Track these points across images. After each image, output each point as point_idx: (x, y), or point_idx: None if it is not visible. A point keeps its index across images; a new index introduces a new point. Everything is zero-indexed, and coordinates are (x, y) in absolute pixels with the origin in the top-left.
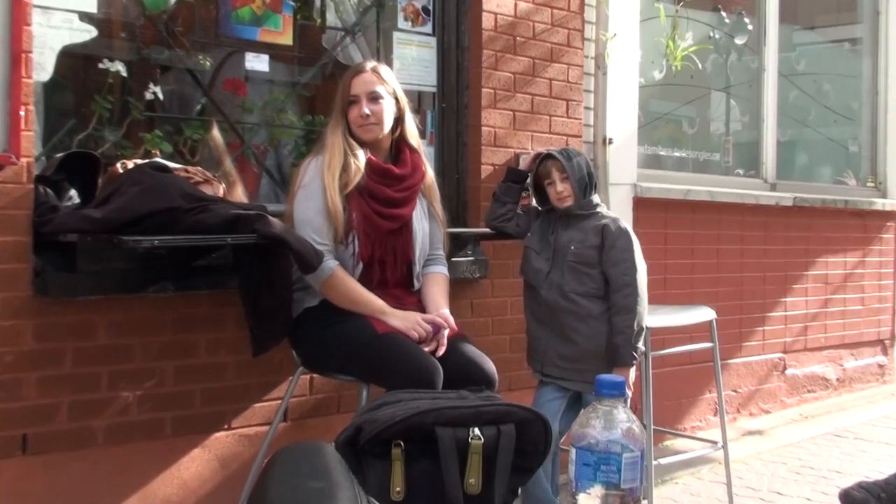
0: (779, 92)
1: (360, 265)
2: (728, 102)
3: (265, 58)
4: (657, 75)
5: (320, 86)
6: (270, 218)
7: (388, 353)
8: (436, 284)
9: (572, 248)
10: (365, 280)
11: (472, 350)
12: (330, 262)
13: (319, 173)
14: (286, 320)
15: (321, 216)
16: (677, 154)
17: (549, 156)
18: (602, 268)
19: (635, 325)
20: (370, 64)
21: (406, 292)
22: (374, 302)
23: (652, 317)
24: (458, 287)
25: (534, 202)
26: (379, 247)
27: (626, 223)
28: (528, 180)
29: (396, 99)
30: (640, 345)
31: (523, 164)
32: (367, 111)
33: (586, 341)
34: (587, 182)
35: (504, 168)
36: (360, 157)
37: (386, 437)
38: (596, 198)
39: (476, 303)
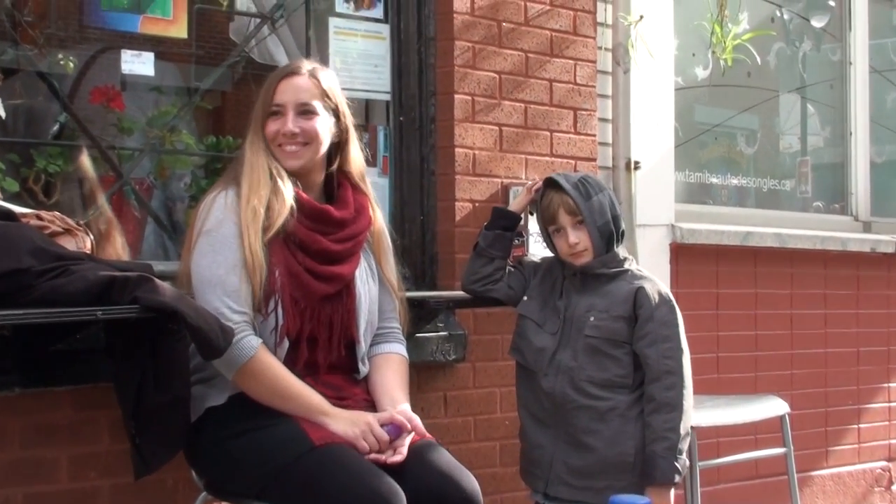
0: (872, 94)
1: (285, 343)
2: (803, 110)
3: (149, 57)
4: (700, 73)
5: (229, 94)
6: (158, 282)
7: (328, 472)
8: (390, 370)
9: (591, 319)
10: (287, 363)
11: (445, 461)
12: (251, 340)
13: (232, 211)
14: (181, 426)
15: (236, 273)
16: (732, 182)
17: (553, 184)
18: (633, 347)
19: (681, 427)
20: (308, 66)
21: (348, 381)
22: (310, 397)
23: (700, 412)
24: (426, 374)
25: (530, 252)
26: (310, 318)
27: (665, 286)
28: (526, 220)
29: (338, 118)
30: (685, 455)
31: (517, 201)
32: (292, 127)
33: (607, 447)
34: (612, 230)
35: (489, 207)
36: (289, 191)
37: None
38: (623, 250)
39: (452, 396)
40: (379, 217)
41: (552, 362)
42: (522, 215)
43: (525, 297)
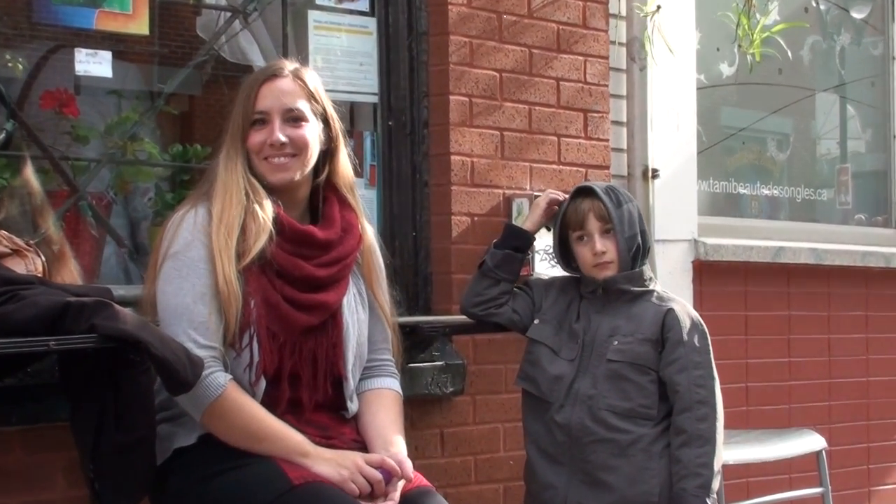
0: None
1: (262, 382)
2: (841, 110)
3: (106, 56)
4: (726, 70)
5: (197, 98)
6: (118, 307)
7: None
8: (382, 408)
9: (616, 343)
10: (268, 404)
11: None
12: (218, 377)
13: (203, 232)
14: (146, 469)
15: (204, 302)
16: (763, 192)
17: (587, 191)
18: (660, 374)
19: (714, 463)
20: (290, 66)
21: (335, 420)
22: (288, 437)
23: (728, 449)
24: (420, 409)
25: (535, 272)
26: (291, 353)
27: (694, 311)
28: (537, 239)
29: (327, 122)
30: (715, 494)
31: (532, 219)
32: (281, 137)
33: (628, 486)
34: (640, 243)
35: (488, 221)
36: (268, 210)
37: None
38: (648, 270)
39: (449, 433)
40: (369, 234)
41: (570, 392)
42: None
43: (537, 321)
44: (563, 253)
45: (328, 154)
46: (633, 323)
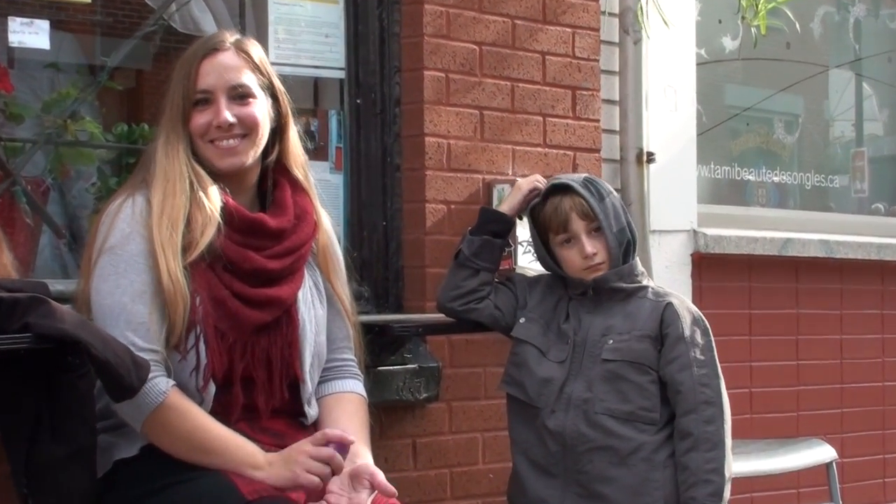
0: None
1: (211, 387)
2: (856, 89)
3: (43, 26)
4: (728, 44)
5: (144, 73)
6: (55, 304)
7: None
8: (345, 413)
9: (610, 342)
10: (220, 411)
11: None
12: (159, 382)
13: (142, 224)
14: (86, 483)
15: (144, 301)
16: (770, 178)
17: (563, 188)
18: (660, 373)
19: (725, 469)
20: (231, 37)
21: (293, 427)
22: (238, 448)
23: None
24: (391, 416)
25: (518, 265)
26: (242, 354)
27: (693, 305)
28: (519, 228)
29: (276, 97)
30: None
31: (509, 201)
32: (229, 117)
33: (630, 498)
34: (629, 237)
35: (467, 210)
36: (215, 199)
37: None
38: (639, 263)
39: (422, 443)
40: (325, 221)
41: (561, 396)
42: (515, 219)
43: (522, 319)
44: (544, 254)
45: (277, 132)
46: (629, 321)
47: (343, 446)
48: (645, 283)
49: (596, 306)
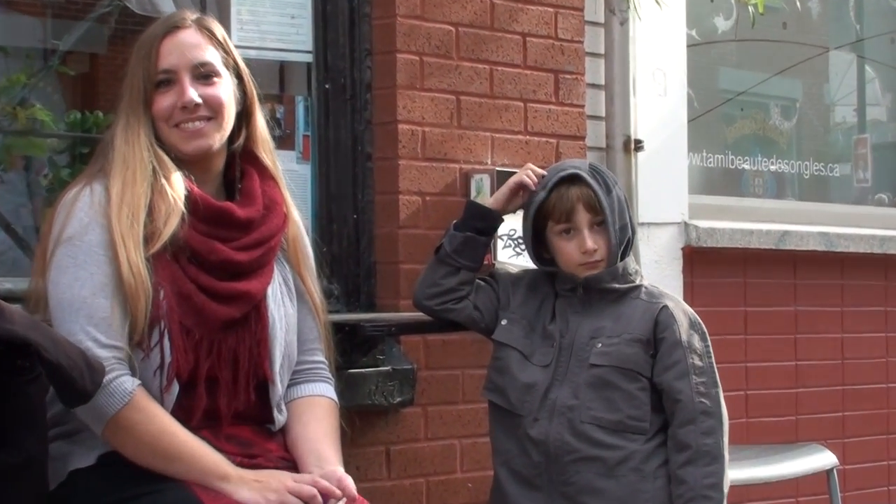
0: None
1: (175, 387)
2: (859, 72)
3: None
4: (722, 24)
5: (99, 57)
6: (3, 304)
7: None
8: (315, 418)
9: (599, 345)
10: (181, 413)
11: None
12: (124, 382)
13: (101, 213)
14: (37, 495)
15: (105, 294)
16: (766, 167)
17: (573, 178)
18: (654, 381)
19: (724, 485)
20: (192, 14)
21: (260, 434)
22: (205, 456)
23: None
24: (362, 422)
25: (497, 260)
26: (208, 353)
27: (689, 307)
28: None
29: (240, 77)
30: None
31: (498, 196)
32: (194, 96)
33: None
34: (630, 234)
35: (443, 202)
36: (178, 187)
37: None
38: (633, 261)
39: (396, 451)
40: (295, 213)
41: (545, 403)
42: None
43: (504, 321)
44: (534, 243)
45: (243, 116)
46: (620, 323)
47: (327, 497)
48: (638, 282)
49: (585, 306)
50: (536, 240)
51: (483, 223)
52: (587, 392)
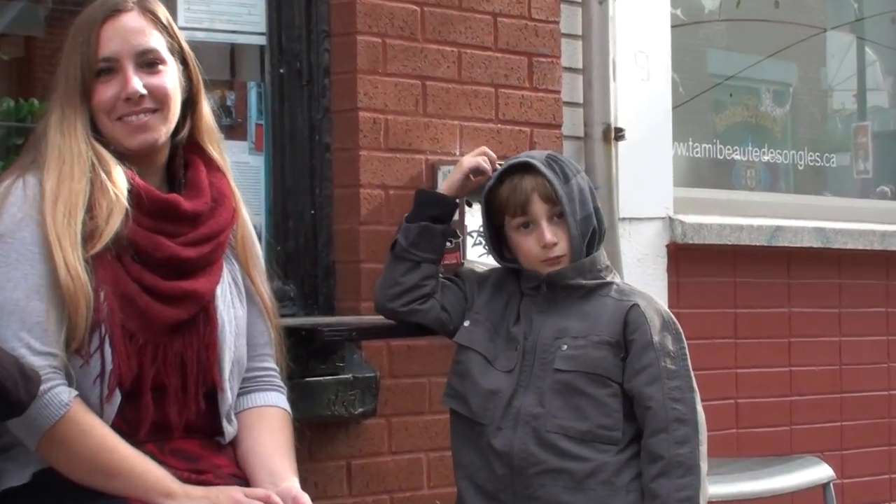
0: None
1: (116, 397)
2: (858, 54)
3: None
4: (709, 3)
5: (35, 41)
6: None
7: None
8: (268, 430)
9: (564, 347)
10: (123, 427)
11: None
12: (60, 393)
13: (37, 209)
14: None
15: (40, 297)
16: (758, 158)
17: (524, 167)
18: (624, 386)
19: (700, 497)
20: None
21: (208, 448)
22: (148, 472)
23: (713, 481)
24: (321, 435)
25: (467, 259)
26: (153, 358)
27: (665, 306)
28: (461, 212)
29: (186, 62)
30: None
31: (450, 180)
32: (138, 87)
33: None
34: (595, 226)
35: (410, 195)
36: (120, 181)
37: None
38: (604, 256)
39: (358, 465)
40: (243, 210)
41: (509, 411)
42: (459, 201)
43: (467, 322)
44: (496, 240)
45: (188, 104)
46: (587, 323)
47: None
48: (609, 278)
49: (550, 305)
50: (498, 237)
51: (437, 210)
52: (553, 399)
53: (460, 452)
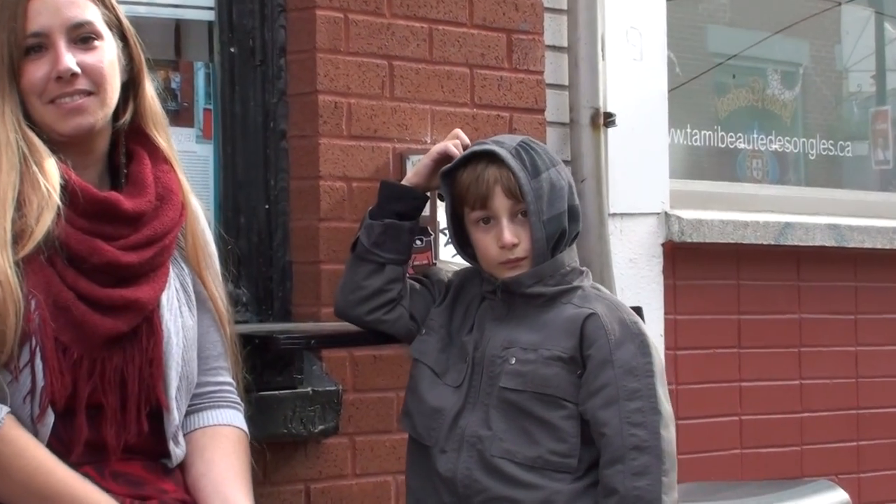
0: None
1: (49, 416)
2: (877, 31)
3: None
4: None
5: None
6: None
7: None
8: (221, 452)
9: (513, 361)
10: (58, 448)
11: None
12: None
13: None
14: None
15: None
16: (764, 147)
17: (491, 156)
18: (580, 408)
19: None
20: None
21: (153, 472)
22: (87, 496)
23: None
24: (277, 456)
25: (439, 259)
26: (89, 374)
27: (632, 313)
28: (433, 207)
29: (125, 39)
30: None
31: (417, 169)
32: (71, 64)
33: None
34: (566, 227)
35: (375, 188)
36: (53, 175)
37: None
38: (572, 257)
39: (318, 489)
40: (194, 202)
41: (453, 431)
42: (429, 194)
43: (423, 331)
44: (459, 234)
45: (129, 86)
46: (540, 335)
47: None
48: (577, 282)
49: (506, 313)
50: (460, 230)
51: (403, 204)
52: (500, 421)
53: (409, 476)
